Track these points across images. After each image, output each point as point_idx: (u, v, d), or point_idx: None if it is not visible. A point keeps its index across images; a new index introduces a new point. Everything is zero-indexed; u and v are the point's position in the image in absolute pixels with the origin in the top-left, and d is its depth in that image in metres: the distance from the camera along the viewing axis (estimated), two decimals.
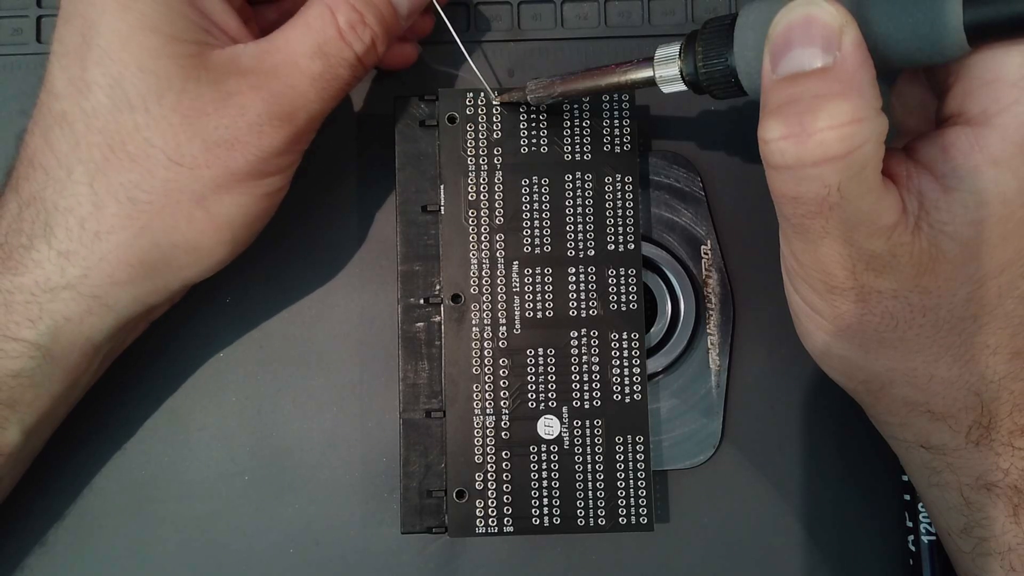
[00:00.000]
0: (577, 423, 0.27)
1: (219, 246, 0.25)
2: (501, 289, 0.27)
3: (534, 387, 0.27)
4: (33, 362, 0.24)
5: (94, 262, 0.24)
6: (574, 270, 0.28)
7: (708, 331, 0.29)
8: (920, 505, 0.28)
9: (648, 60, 0.23)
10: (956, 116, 0.21)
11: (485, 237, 0.27)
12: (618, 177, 0.28)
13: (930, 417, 0.23)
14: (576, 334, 0.27)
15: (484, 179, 0.28)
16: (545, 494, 0.27)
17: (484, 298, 0.27)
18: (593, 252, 0.28)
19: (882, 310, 0.22)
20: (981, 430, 0.23)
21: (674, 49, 0.23)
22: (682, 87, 0.23)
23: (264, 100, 0.24)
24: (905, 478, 0.28)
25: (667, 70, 0.23)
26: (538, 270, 0.27)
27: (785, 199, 0.21)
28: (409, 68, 0.30)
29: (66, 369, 0.25)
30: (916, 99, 0.25)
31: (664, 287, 0.29)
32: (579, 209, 0.28)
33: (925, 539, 0.28)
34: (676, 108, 0.30)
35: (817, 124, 0.19)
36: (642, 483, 0.27)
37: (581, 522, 0.27)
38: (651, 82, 0.24)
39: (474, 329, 0.27)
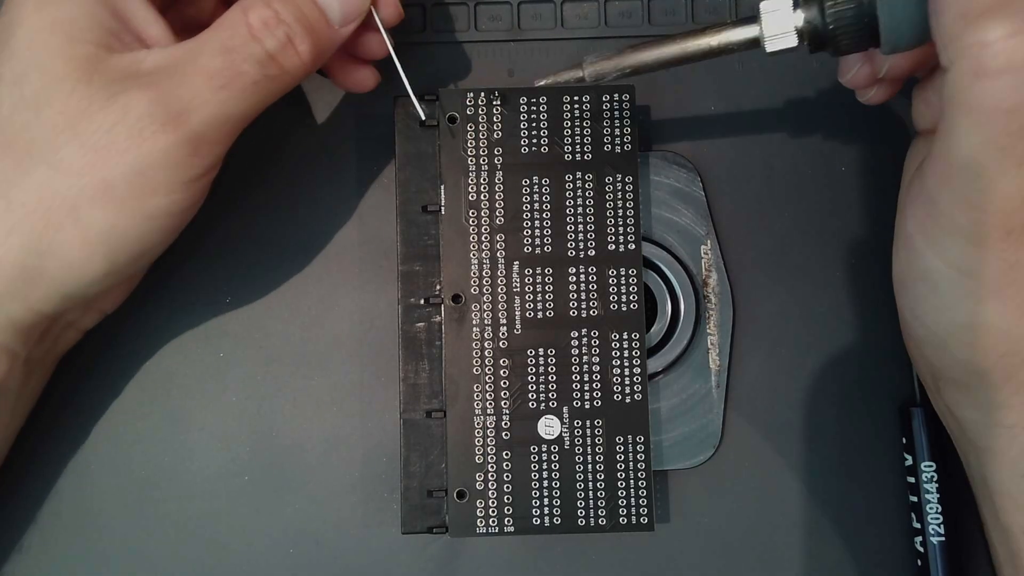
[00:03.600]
0: (577, 423, 0.27)
1: (89, 263, 0.23)
2: (501, 289, 0.27)
3: (534, 387, 0.27)
4: None
5: None
6: (574, 270, 0.28)
7: (708, 331, 0.29)
8: (928, 506, 0.27)
9: (750, 19, 0.21)
10: None
11: (485, 237, 0.27)
12: (618, 177, 0.28)
13: None
14: (576, 334, 0.27)
15: (484, 179, 0.28)
16: (546, 494, 0.27)
17: (484, 298, 0.27)
18: (593, 252, 0.28)
19: None
20: None
21: None
22: (793, 42, 0.21)
23: (148, 99, 0.22)
24: (911, 479, 0.28)
25: (778, 22, 0.21)
26: (538, 270, 0.27)
27: (996, 113, 0.18)
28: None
29: None
30: None
31: (664, 287, 0.29)
32: (579, 209, 0.28)
33: (934, 540, 0.27)
34: (676, 108, 0.30)
35: None
36: (642, 483, 0.27)
37: (581, 522, 0.27)
38: (754, 43, 0.21)
39: (474, 329, 0.27)
